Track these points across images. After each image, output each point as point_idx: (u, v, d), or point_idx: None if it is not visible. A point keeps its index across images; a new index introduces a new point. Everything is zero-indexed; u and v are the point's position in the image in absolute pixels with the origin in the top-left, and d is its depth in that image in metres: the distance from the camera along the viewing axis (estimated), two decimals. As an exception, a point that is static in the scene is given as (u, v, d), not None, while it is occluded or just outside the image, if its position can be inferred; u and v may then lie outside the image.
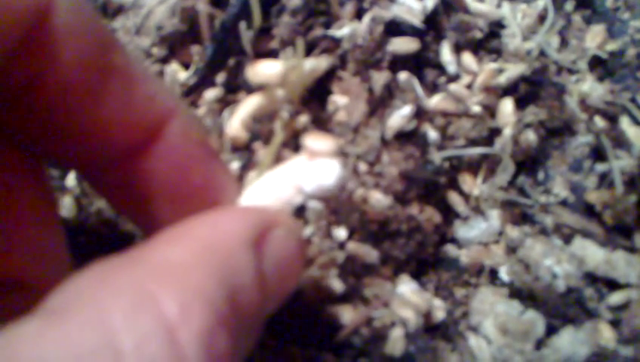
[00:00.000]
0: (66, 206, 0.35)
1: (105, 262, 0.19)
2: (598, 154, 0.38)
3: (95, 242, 0.34)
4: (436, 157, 0.37)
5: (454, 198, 0.39)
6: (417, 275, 0.37)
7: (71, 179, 0.37)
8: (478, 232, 0.39)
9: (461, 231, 0.39)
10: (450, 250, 0.39)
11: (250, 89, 0.36)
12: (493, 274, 0.38)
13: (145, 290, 0.17)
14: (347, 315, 0.33)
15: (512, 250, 0.38)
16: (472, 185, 0.39)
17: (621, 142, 0.37)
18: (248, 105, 0.34)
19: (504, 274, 0.37)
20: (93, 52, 0.21)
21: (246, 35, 0.36)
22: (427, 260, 0.38)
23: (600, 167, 0.37)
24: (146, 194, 0.24)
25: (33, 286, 0.23)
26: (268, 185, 0.27)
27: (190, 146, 0.24)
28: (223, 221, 0.22)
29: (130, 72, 0.22)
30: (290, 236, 0.24)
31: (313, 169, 0.26)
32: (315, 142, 0.27)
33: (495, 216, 0.38)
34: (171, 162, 0.24)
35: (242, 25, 0.35)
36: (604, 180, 0.37)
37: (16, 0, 0.19)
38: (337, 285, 0.32)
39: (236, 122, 0.34)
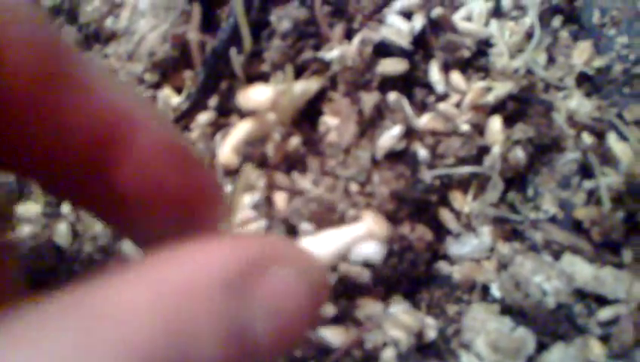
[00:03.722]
0: (61, 232, 0.35)
1: (49, 300, 0.15)
2: (586, 170, 0.38)
3: (90, 268, 0.34)
4: (427, 176, 0.38)
5: (445, 215, 0.39)
6: (410, 293, 0.38)
7: (66, 206, 0.37)
8: (469, 248, 0.39)
9: (453, 247, 0.39)
10: (442, 266, 0.39)
11: (242, 112, 0.37)
12: (485, 291, 0.38)
13: (74, 344, 0.14)
14: (339, 337, 0.33)
15: (503, 266, 0.38)
16: (463, 202, 0.39)
17: (608, 158, 0.38)
18: (239, 131, 0.35)
19: (495, 291, 0.38)
20: (43, 59, 0.19)
21: (237, 59, 0.36)
22: (419, 278, 0.38)
23: (588, 184, 0.38)
24: (127, 202, 0.22)
25: None
26: (316, 243, 0.29)
27: (163, 148, 0.23)
28: (199, 256, 0.17)
29: (87, 77, 0.20)
30: (303, 279, 0.18)
31: (365, 244, 0.32)
32: (375, 225, 0.33)
33: (486, 232, 0.39)
34: (146, 166, 0.22)
35: (233, 49, 0.36)
36: (592, 197, 0.38)
37: None
38: (329, 308, 0.33)
39: (227, 148, 0.35)
